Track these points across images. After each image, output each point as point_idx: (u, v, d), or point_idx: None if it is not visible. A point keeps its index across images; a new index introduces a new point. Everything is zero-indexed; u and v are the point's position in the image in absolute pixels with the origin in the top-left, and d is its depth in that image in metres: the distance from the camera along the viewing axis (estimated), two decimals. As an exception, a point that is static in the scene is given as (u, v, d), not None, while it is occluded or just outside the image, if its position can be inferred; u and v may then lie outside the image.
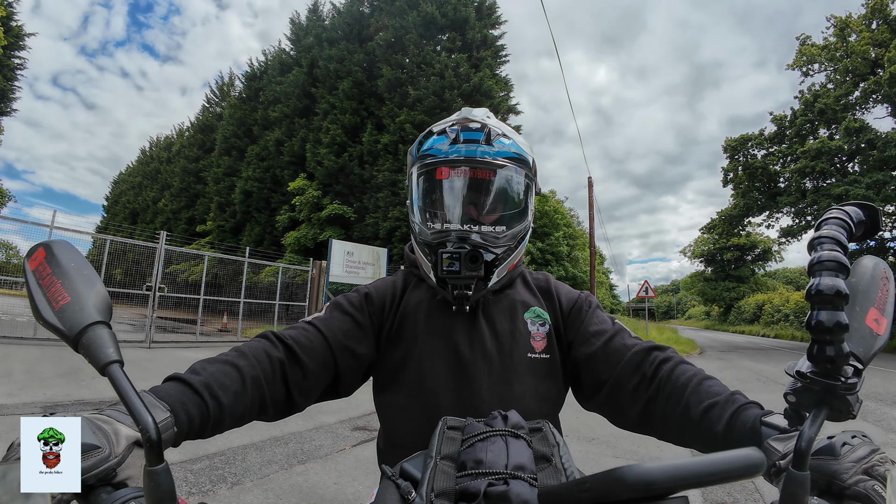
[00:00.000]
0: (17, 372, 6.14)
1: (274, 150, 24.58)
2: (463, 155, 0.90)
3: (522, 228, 0.96)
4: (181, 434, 0.64)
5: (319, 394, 0.89)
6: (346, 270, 14.87)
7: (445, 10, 20.54)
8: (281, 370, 0.81)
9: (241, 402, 0.73)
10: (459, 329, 0.94)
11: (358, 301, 0.97)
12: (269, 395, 0.78)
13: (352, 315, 0.94)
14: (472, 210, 0.91)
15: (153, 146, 48.47)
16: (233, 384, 0.72)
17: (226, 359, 0.76)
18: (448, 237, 0.90)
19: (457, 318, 0.95)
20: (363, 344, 0.93)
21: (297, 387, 0.83)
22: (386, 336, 0.97)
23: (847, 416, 0.49)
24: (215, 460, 3.62)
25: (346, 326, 0.92)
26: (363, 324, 0.94)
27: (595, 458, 4.21)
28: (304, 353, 0.84)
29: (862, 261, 0.58)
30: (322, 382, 0.87)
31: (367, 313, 0.96)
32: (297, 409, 0.86)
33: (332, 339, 0.89)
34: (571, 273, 21.91)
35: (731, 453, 0.32)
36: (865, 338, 0.51)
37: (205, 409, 0.67)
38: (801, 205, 24.10)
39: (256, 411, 0.78)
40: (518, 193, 0.95)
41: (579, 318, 0.98)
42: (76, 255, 0.60)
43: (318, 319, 0.92)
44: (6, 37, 19.27)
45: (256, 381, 0.76)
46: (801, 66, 24.77)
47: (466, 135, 0.91)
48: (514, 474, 0.56)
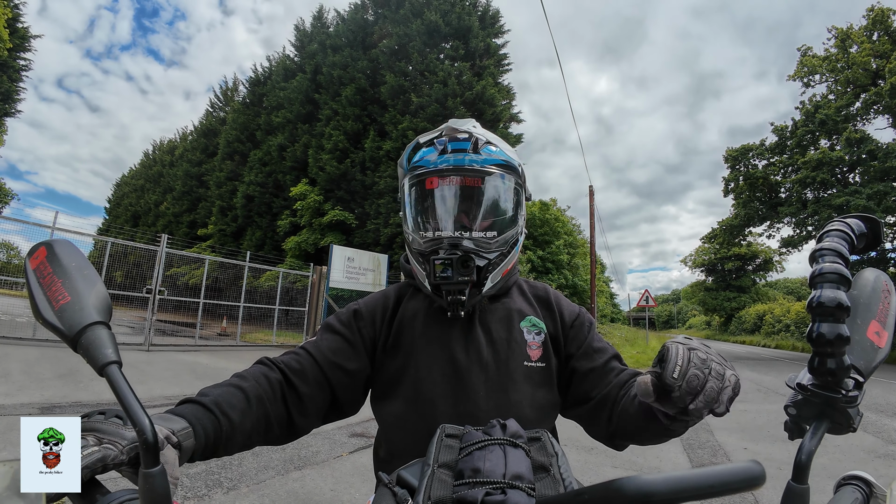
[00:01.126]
0: (16, 372, 6.12)
1: (276, 155, 24.67)
2: (451, 164, 0.92)
3: (514, 233, 0.97)
4: (199, 448, 0.66)
5: (323, 415, 0.92)
6: (347, 276, 14.87)
7: (449, 18, 20.69)
8: (280, 390, 0.84)
9: (249, 419, 0.76)
10: (456, 337, 0.95)
11: (346, 318, 0.99)
12: (273, 414, 0.81)
13: (341, 333, 0.96)
14: (463, 217, 0.93)
15: (156, 149, 48.66)
16: (239, 403, 0.75)
17: (229, 382, 0.80)
18: (440, 245, 0.91)
19: (453, 327, 0.96)
20: (354, 360, 0.94)
21: (295, 408, 0.85)
22: (382, 347, 0.98)
23: (847, 429, 0.49)
24: (211, 465, 3.60)
25: (335, 345, 0.94)
26: (353, 340, 0.96)
27: (594, 468, 4.18)
28: (296, 377, 0.87)
29: (863, 273, 0.58)
30: (320, 403, 0.90)
31: (356, 329, 0.97)
32: (303, 431, 0.89)
33: (321, 359, 0.91)
34: (572, 281, 21.87)
35: (732, 466, 0.32)
36: (866, 350, 0.51)
37: (217, 424, 0.70)
38: (801, 215, 24.15)
39: (263, 430, 0.80)
40: (507, 199, 0.96)
41: (582, 333, 1.01)
42: (78, 254, 0.60)
43: (308, 343, 0.95)
44: (12, 38, 19.41)
45: (260, 399, 0.80)
46: (803, 77, 24.92)
47: (454, 145, 0.93)
48: (512, 484, 0.55)
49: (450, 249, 0.89)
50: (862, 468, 3.22)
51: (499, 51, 22.06)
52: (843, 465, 4.22)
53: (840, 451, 4.71)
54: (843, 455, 4.57)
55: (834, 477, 0.57)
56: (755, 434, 5.51)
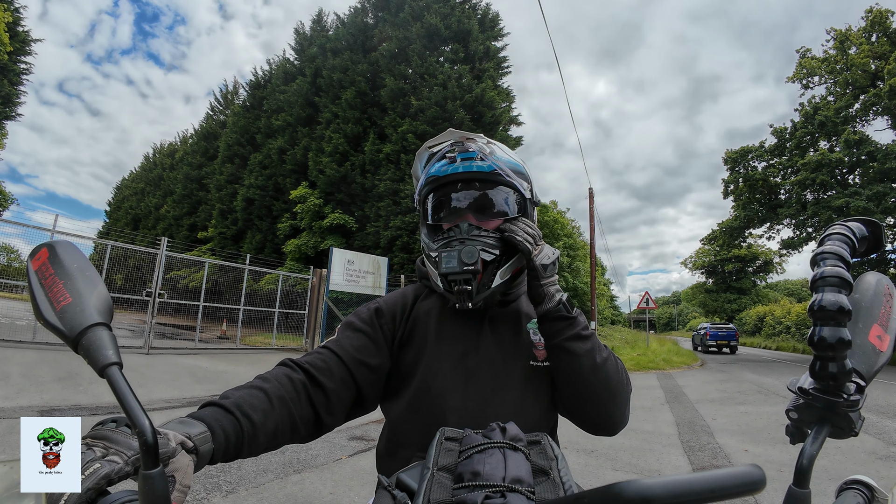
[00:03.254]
0: (15, 375, 6.12)
1: (276, 159, 24.71)
2: (461, 170, 0.96)
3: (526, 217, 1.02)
4: (219, 450, 0.67)
5: (348, 411, 0.94)
6: (347, 279, 14.86)
7: (449, 21, 20.76)
8: (305, 391, 0.85)
9: (272, 420, 0.77)
10: (467, 335, 1.00)
11: (368, 316, 1.02)
12: (298, 415, 0.83)
13: (363, 331, 0.99)
14: (471, 218, 0.97)
15: (157, 153, 48.75)
16: (261, 403, 0.76)
17: (251, 384, 0.81)
18: (450, 243, 0.95)
19: (465, 325, 1.01)
20: (377, 356, 0.97)
21: (322, 407, 0.87)
22: (398, 342, 1.02)
23: (849, 433, 0.49)
24: (210, 468, 3.58)
25: (358, 342, 0.96)
26: (375, 338, 0.99)
27: (594, 471, 4.17)
28: (321, 375, 0.88)
29: (865, 277, 0.58)
30: (345, 400, 0.92)
31: (378, 326, 1.01)
32: (328, 429, 0.90)
33: (346, 357, 0.93)
34: (572, 284, 21.87)
35: (732, 470, 0.32)
36: (868, 354, 0.51)
37: (238, 427, 0.71)
38: (801, 217, 24.14)
39: (289, 431, 0.81)
40: (514, 200, 1.01)
41: None
42: (79, 256, 0.60)
43: (330, 342, 0.97)
44: (12, 42, 19.47)
45: (282, 400, 0.80)
46: (802, 79, 24.95)
47: (464, 154, 0.97)
48: (512, 487, 0.55)
49: (457, 244, 0.93)
50: (863, 470, 3.19)
51: (498, 53, 22.13)
52: (845, 467, 4.20)
53: (841, 452, 4.69)
54: (844, 457, 4.56)
55: (835, 479, 0.57)
56: (756, 436, 5.50)
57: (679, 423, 6.28)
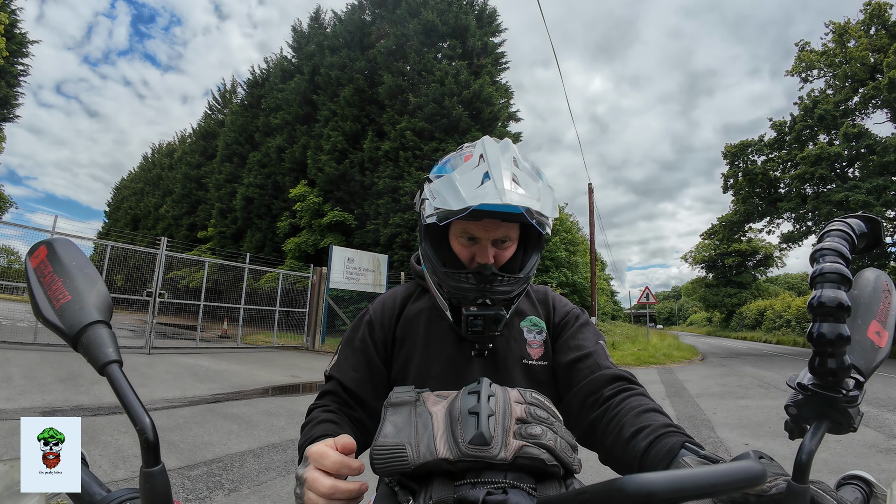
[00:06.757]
0: (17, 377, 6.13)
1: (275, 157, 24.66)
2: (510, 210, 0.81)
3: (537, 260, 0.99)
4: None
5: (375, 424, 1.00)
6: (347, 277, 14.86)
7: (446, 17, 20.67)
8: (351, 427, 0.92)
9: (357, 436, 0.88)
10: (458, 335, 0.98)
11: (362, 334, 1.02)
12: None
13: (360, 350, 1.01)
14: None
15: (155, 153, 48.64)
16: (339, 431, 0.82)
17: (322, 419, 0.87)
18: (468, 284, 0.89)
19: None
20: (377, 372, 1.00)
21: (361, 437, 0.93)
22: (389, 348, 1.02)
23: (848, 428, 0.49)
24: (213, 467, 3.60)
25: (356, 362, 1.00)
26: (370, 355, 1.00)
27: (594, 467, 4.17)
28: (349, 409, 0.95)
29: (864, 273, 0.58)
30: (372, 417, 0.97)
31: (370, 343, 1.01)
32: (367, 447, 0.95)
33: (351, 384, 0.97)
34: (571, 279, 21.84)
35: (733, 465, 0.32)
36: (867, 350, 0.51)
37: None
38: (801, 210, 24.14)
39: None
40: (537, 236, 0.99)
41: (566, 330, 1.02)
42: (78, 253, 0.60)
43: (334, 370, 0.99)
44: (9, 44, 19.39)
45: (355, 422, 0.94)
46: (801, 72, 24.90)
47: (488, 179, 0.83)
48: (514, 484, 0.55)
49: (480, 297, 0.89)
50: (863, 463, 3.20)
51: (496, 49, 22.04)
52: (844, 460, 4.22)
53: (841, 445, 4.71)
54: (843, 450, 4.57)
55: (836, 472, 0.57)
56: (756, 430, 5.51)
57: (680, 417, 6.29)
